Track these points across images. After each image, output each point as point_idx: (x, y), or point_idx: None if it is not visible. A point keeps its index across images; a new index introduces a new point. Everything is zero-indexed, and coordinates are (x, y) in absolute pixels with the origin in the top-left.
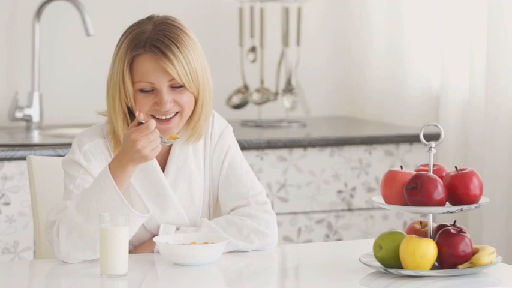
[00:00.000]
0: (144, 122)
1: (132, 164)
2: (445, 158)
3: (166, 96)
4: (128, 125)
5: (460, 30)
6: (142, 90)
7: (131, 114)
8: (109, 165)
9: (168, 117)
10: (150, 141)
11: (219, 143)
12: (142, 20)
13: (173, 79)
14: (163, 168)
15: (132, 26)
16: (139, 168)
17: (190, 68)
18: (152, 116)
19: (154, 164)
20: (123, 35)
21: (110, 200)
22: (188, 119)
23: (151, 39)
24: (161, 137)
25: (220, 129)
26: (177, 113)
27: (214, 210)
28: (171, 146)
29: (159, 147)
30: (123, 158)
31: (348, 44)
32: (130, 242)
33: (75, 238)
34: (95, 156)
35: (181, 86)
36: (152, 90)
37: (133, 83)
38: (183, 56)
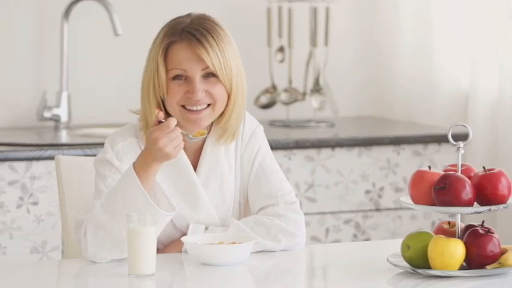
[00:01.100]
0: (163, 120)
1: (156, 163)
2: (473, 158)
3: (199, 84)
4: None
5: (490, 29)
6: (175, 78)
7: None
8: (134, 164)
9: (199, 108)
10: (172, 140)
11: (249, 143)
12: (181, 15)
13: (207, 68)
14: (194, 168)
15: (171, 19)
16: (171, 167)
17: (224, 60)
18: (183, 106)
19: (186, 163)
20: (161, 28)
21: (135, 198)
22: (219, 117)
23: (188, 28)
24: (187, 134)
25: (251, 129)
26: (208, 105)
27: (245, 209)
28: (203, 145)
29: (182, 145)
30: (147, 156)
31: (376, 43)
32: (160, 241)
33: (102, 237)
34: (127, 155)
35: (214, 77)
36: (185, 79)
37: (167, 71)
38: (218, 47)
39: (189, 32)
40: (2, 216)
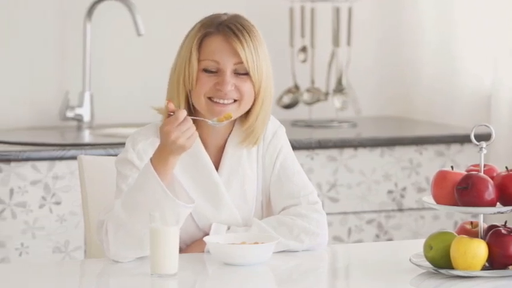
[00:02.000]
0: (172, 114)
1: (173, 156)
2: (496, 158)
3: (229, 77)
4: (190, 112)
5: None
6: (206, 70)
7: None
8: (151, 159)
9: (225, 101)
10: (183, 131)
11: (271, 143)
12: (217, 13)
13: (239, 63)
14: (216, 168)
15: (207, 15)
16: (193, 167)
17: (257, 58)
18: (209, 99)
19: (208, 163)
20: (196, 22)
21: (153, 193)
22: (245, 118)
23: (226, 22)
24: (213, 120)
25: (273, 129)
26: (235, 101)
27: (267, 210)
28: (224, 145)
29: (195, 135)
30: (163, 151)
31: (399, 43)
32: (182, 241)
33: (123, 236)
34: (148, 155)
35: (245, 74)
36: (216, 72)
37: (199, 61)
38: (253, 44)
39: (226, 25)
40: (25, 216)
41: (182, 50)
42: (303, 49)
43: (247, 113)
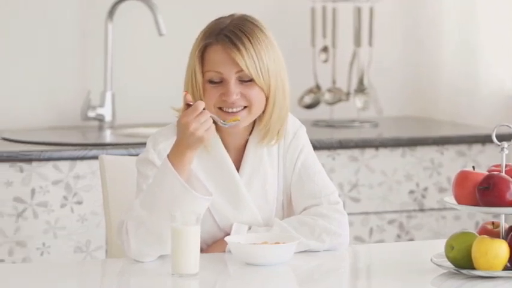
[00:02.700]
0: (192, 103)
1: (190, 150)
2: None
3: (233, 87)
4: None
5: None
6: (211, 81)
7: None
8: (168, 155)
9: (234, 110)
10: (202, 123)
11: (292, 143)
12: (223, 16)
13: (241, 71)
14: (237, 168)
15: (213, 20)
16: (214, 168)
17: (261, 63)
18: (220, 108)
19: (229, 163)
20: (202, 29)
21: (171, 188)
22: (259, 118)
23: (226, 30)
24: (222, 121)
25: (293, 129)
26: (244, 107)
27: (288, 210)
28: (245, 145)
29: (213, 128)
30: (181, 145)
31: (420, 43)
32: (204, 241)
33: (143, 234)
34: None
35: (250, 80)
36: (221, 82)
37: (203, 72)
38: (254, 49)
39: (225, 34)
40: (46, 215)
41: (189, 61)
42: (325, 49)
43: (262, 113)
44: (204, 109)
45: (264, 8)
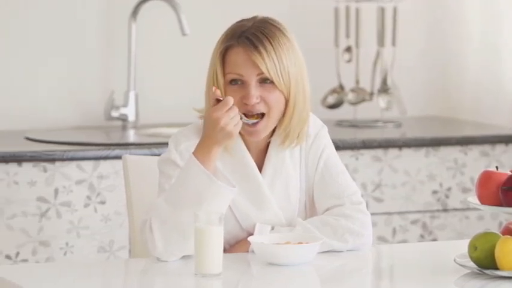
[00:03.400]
0: (221, 98)
1: (218, 145)
2: None
3: (254, 90)
4: None
5: None
6: (231, 83)
7: None
8: (193, 152)
9: (254, 121)
10: (232, 118)
11: (314, 144)
12: (245, 18)
13: (262, 73)
14: (260, 169)
15: (235, 22)
16: (237, 169)
17: (281, 66)
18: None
19: (252, 164)
20: (225, 30)
21: (197, 181)
22: (280, 121)
23: (247, 32)
24: (242, 117)
25: (315, 129)
26: (263, 116)
27: (310, 210)
28: (267, 147)
29: (240, 123)
30: (208, 141)
31: (444, 43)
32: (226, 241)
33: (168, 230)
34: None
35: (270, 83)
36: (241, 84)
37: (224, 74)
38: (275, 52)
39: (246, 37)
40: (70, 215)
41: (210, 63)
42: (348, 49)
43: (281, 117)
44: (233, 105)
45: (287, 8)
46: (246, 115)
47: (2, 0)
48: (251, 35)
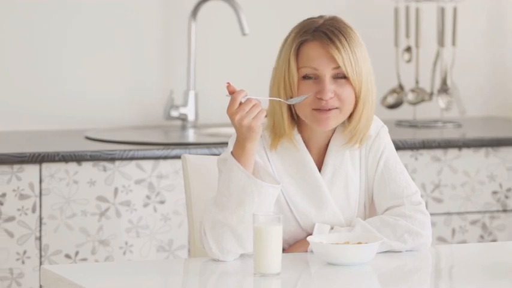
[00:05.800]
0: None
1: (248, 141)
2: None
3: (329, 85)
4: (292, 116)
5: None
6: (305, 77)
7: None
8: (231, 151)
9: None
10: (246, 111)
11: (374, 143)
12: (312, 17)
13: (337, 67)
14: (319, 168)
15: (302, 20)
16: (296, 168)
17: (355, 61)
18: (313, 109)
19: (311, 163)
20: (292, 28)
21: (238, 181)
22: (348, 121)
23: (322, 27)
24: (284, 99)
25: (376, 129)
26: (336, 108)
27: (370, 210)
28: (327, 146)
29: (262, 114)
30: (239, 138)
31: (504, 43)
32: (285, 241)
33: (219, 232)
34: None
35: (344, 78)
36: (315, 78)
37: (298, 69)
38: (350, 48)
39: (322, 31)
40: (129, 214)
41: (280, 59)
42: (408, 49)
43: (350, 116)
44: (246, 97)
45: (347, 8)
46: (319, 110)
47: (62, 1)
48: (327, 30)
